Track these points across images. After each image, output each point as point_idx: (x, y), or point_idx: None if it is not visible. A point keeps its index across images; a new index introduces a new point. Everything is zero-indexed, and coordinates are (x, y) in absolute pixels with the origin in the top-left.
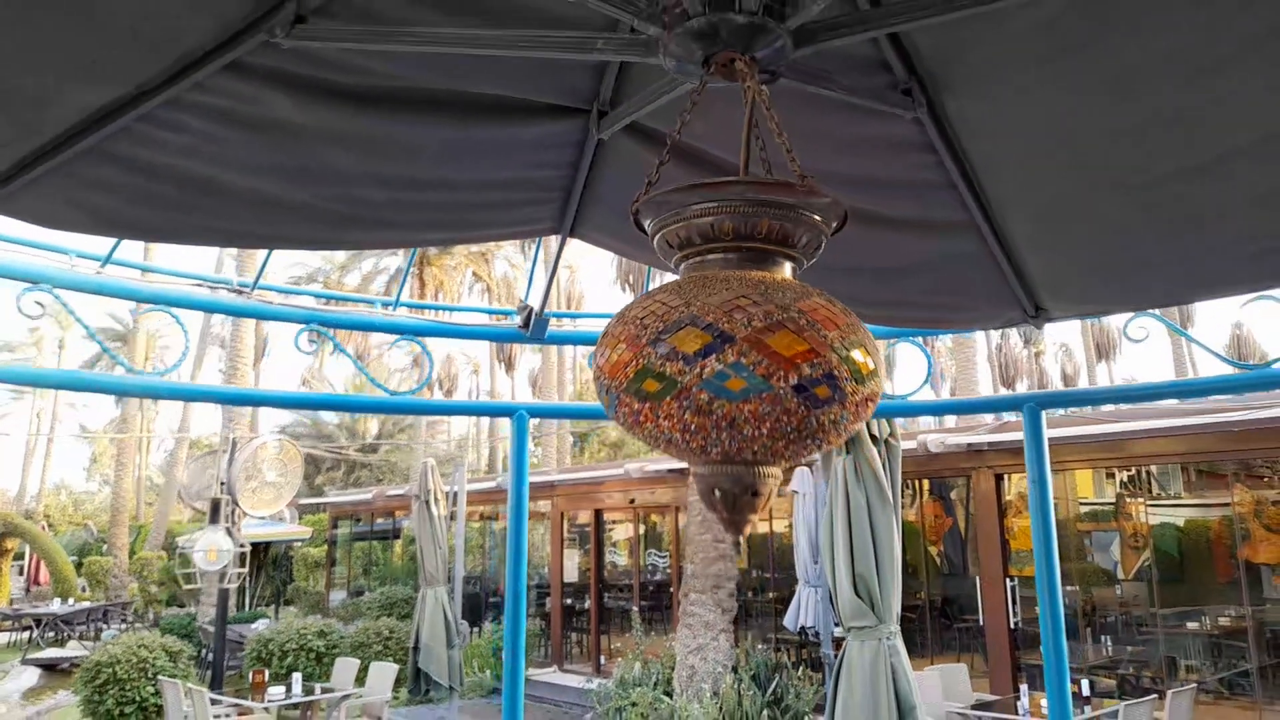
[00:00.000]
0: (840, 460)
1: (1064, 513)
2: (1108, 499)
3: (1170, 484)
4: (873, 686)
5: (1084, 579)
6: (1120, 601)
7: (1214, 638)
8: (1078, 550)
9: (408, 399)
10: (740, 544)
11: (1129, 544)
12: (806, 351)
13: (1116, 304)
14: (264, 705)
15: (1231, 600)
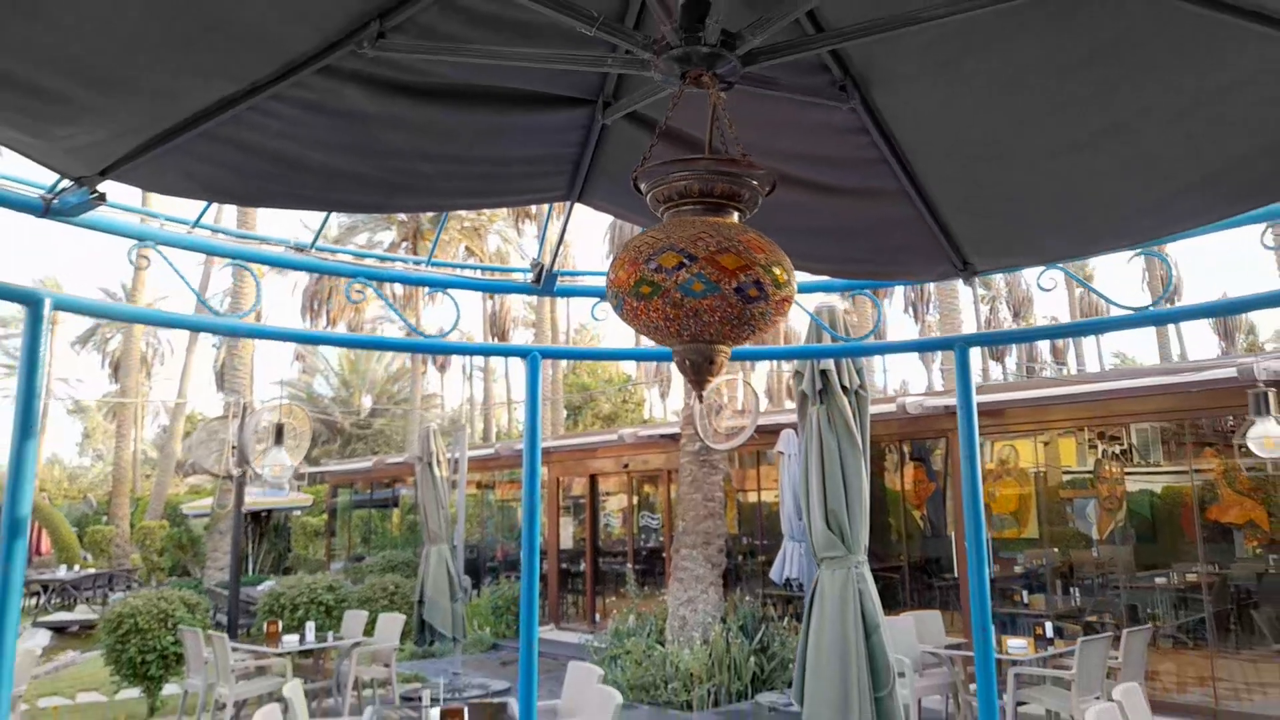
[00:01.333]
0: (815, 410)
1: (1050, 480)
2: (1089, 468)
3: (1150, 453)
4: (841, 608)
5: (1063, 541)
6: (1095, 561)
7: (1179, 591)
8: (1058, 515)
9: (437, 341)
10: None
11: (1105, 507)
12: (743, 266)
13: (1028, 259)
14: (279, 651)
15: (1197, 558)
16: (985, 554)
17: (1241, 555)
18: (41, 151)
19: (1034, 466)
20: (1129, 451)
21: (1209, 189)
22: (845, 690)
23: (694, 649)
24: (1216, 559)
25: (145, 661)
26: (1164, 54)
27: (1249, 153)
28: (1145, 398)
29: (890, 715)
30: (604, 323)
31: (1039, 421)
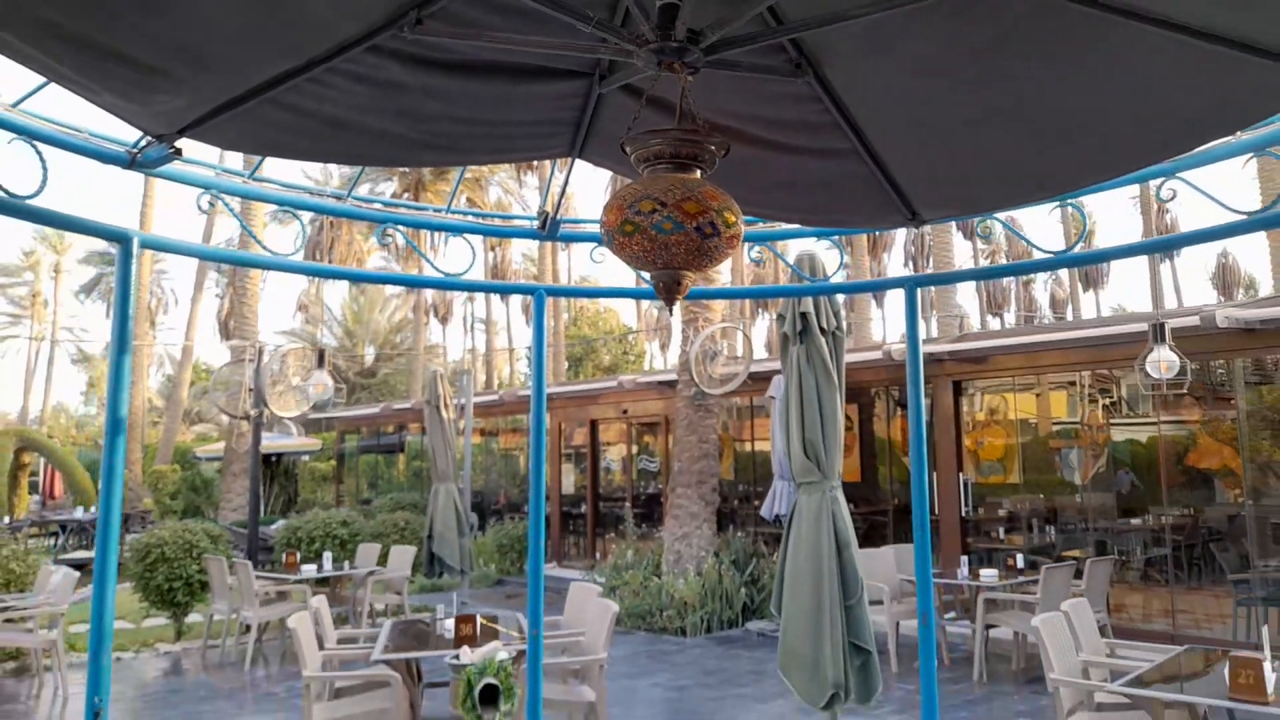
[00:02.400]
0: (795, 349)
1: (1040, 430)
2: (1080, 419)
3: (1139, 404)
4: (816, 528)
5: (1049, 488)
6: (1077, 506)
7: (1152, 532)
8: (1046, 463)
9: (457, 279)
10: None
11: (1088, 454)
12: (701, 211)
13: (965, 210)
14: (299, 579)
15: (1173, 502)
16: (925, 484)
17: (1215, 499)
18: (135, 115)
19: (1025, 417)
20: (1118, 403)
21: (1094, 154)
22: (819, 599)
23: (688, 580)
24: (1191, 503)
25: (172, 589)
26: (1048, 42)
27: (1122, 125)
28: (1113, 345)
29: (858, 620)
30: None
31: (1020, 368)
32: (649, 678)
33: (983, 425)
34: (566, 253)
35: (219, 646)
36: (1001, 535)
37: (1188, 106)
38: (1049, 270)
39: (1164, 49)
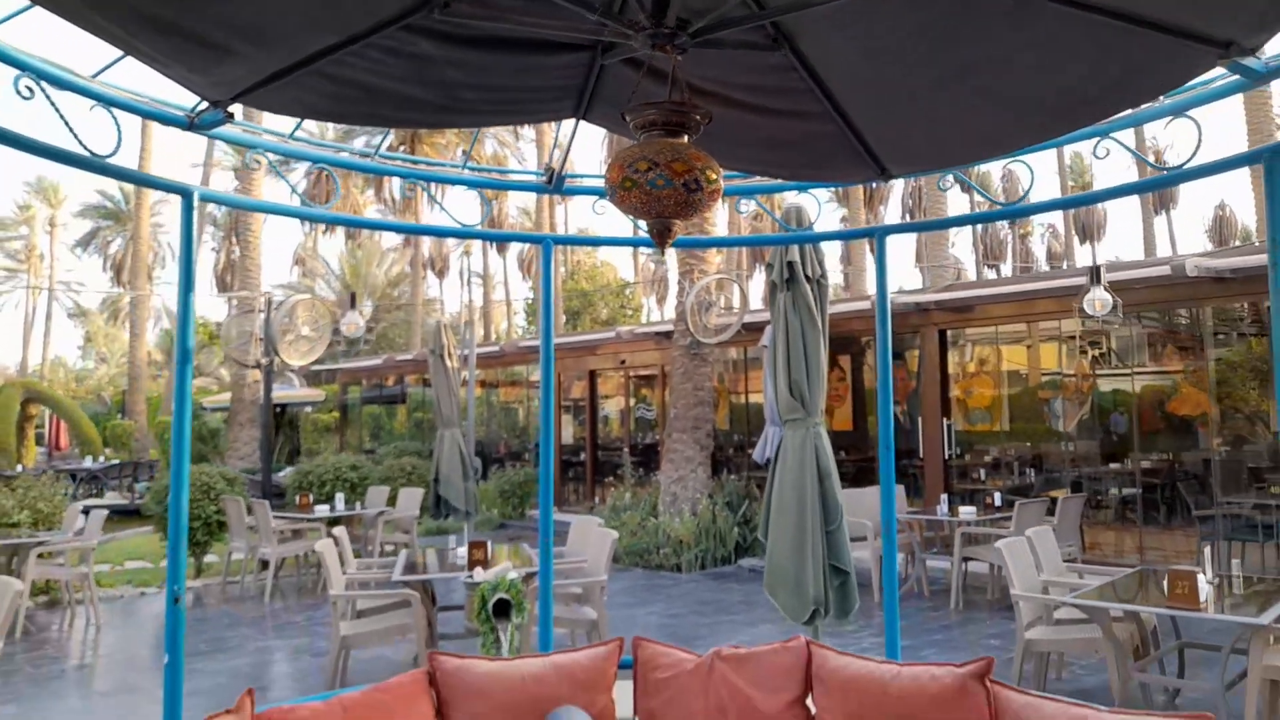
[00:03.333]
0: (782, 296)
1: (1030, 381)
2: (1068, 371)
3: (1129, 356)
4: (800, 460)
5: (1035, 435)
6: (1060, 452)
7: (1129, 475)
8: (1035, 412)
9: (473, 228)
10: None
11: (1072, 402)
12: (688, 170)
13: (928, 165)
14: (313, 517)
15: (1150, 448)
16: (891, 424)
17: (1188, 444)
18: (197, 84)
19: (1015, 368)
20: (1109, 354)
21: (1033, 117)
22: (802, 525)
23: (684, 520)
24: (1167, 448)
25: (191, 528)
26: (989, 21)
27: (1057, 92)
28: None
29: (837, 545)
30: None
31: (1005, 317)
32: (646, 607)
33: (972, 376)
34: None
35: (238, 582)
36: (984, 477)
37: (1110, 76)
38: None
39: (1087, 27)
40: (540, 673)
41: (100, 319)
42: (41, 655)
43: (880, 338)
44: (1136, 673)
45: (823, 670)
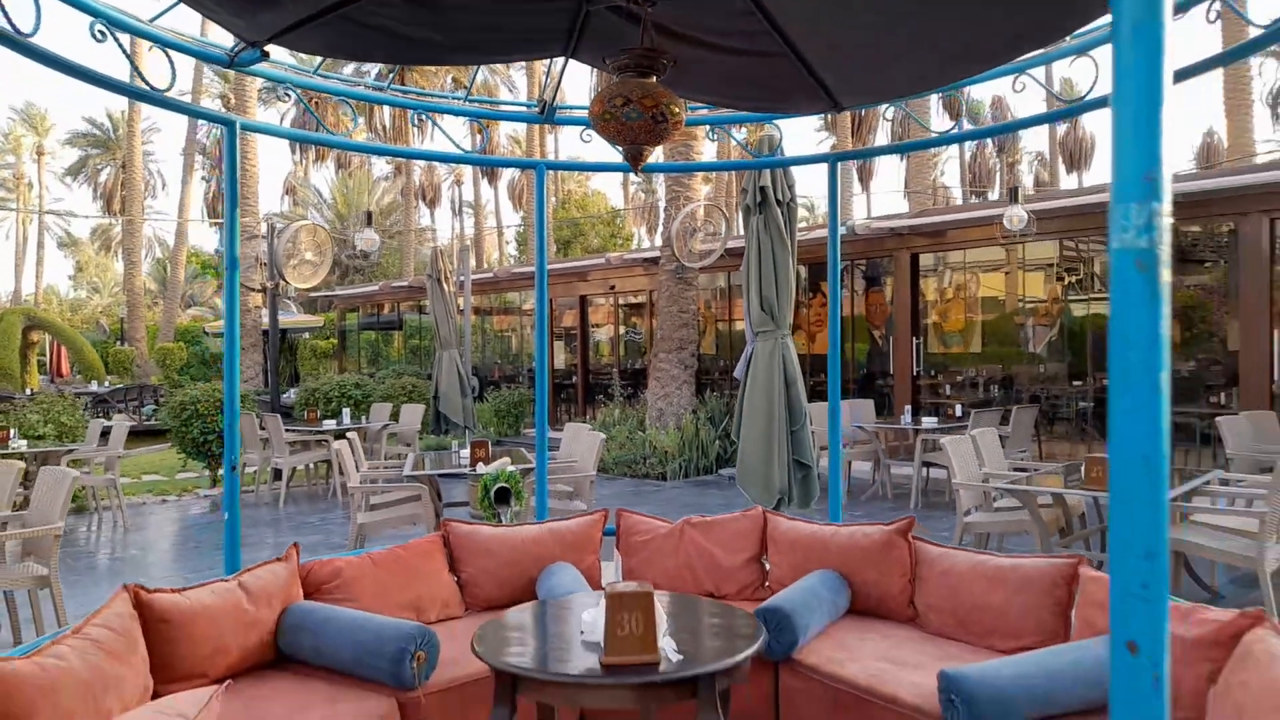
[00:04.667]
0: (755, 219)
1: (1008, 306)
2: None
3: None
4: (769, 367)
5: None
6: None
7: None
8: (1009, 336)
9: (471, 154)
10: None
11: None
12: (656, 105)
13: (876, 98)
14: (321, 430)
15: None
16: (839, 344)
17: None
18: (240, 27)
19: (992, 294)
20: (1090, 279)
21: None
22: (770, 425)
23: (669, 433)
24: None
25: (206, 441)
26: None
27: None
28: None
29: (800, 443)
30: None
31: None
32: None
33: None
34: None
35: (253, 491)
36: (949, 392)
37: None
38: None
39: None
40: (537, 536)
41: (91, 249)
42: (76, 551)
43: (831, 259)
44: (1060, 548)
45: (775, 532)
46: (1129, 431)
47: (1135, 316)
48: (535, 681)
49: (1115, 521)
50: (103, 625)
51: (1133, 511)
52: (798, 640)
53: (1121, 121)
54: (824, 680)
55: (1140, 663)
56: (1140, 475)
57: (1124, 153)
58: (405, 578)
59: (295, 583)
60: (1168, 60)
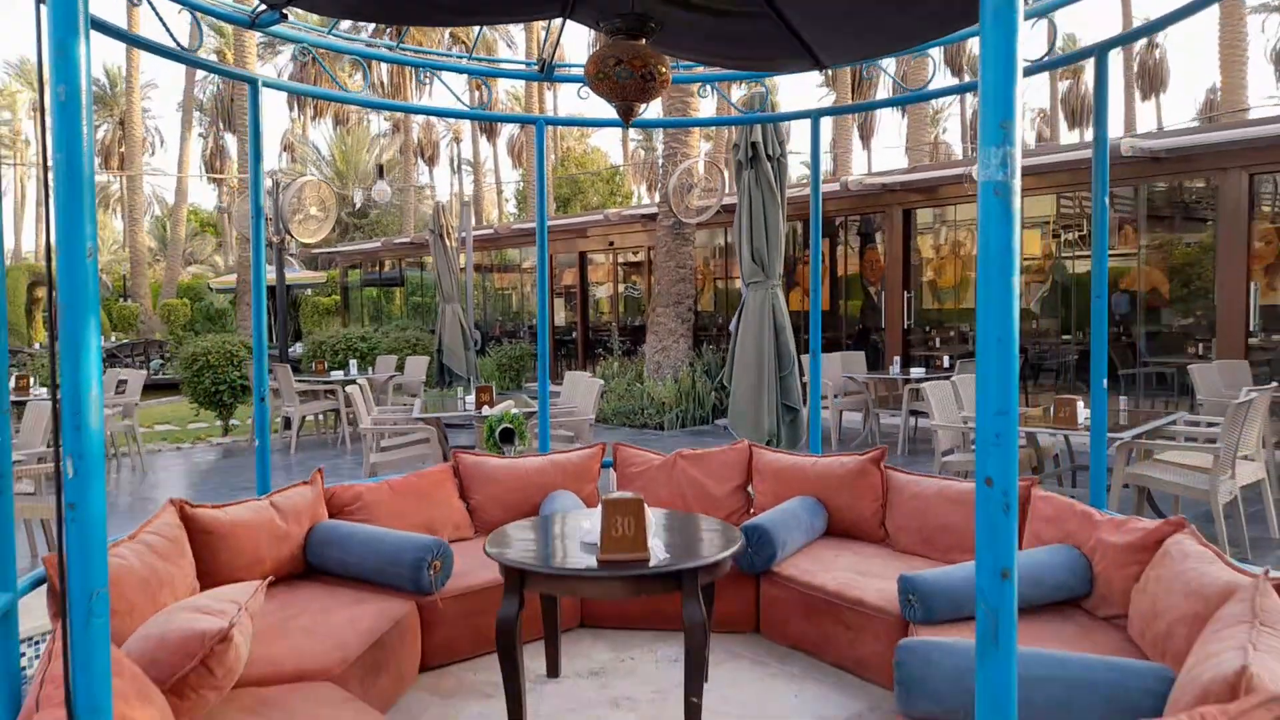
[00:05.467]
0: (747, 173)
1: None
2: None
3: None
4: (760, 315)
5: None
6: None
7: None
8: None
9: (477, 110)
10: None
11: (1032, 281)
12: (644, 65)
13: (855, 58)
14: (329, 380)
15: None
16: (820, 299)
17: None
18: None
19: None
20: (1085, 238)
21: (930, 16)
22: (760, 370)
23: (666, 385)
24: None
25: (218, 391)
26: None
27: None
28: (1043, 174)
29: (789, 388)
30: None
31: (965, 198)
32: None
33: (944, 258)
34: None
35: None
36: (939, 346)
37: None
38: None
39: None
40: (540, 466)
41: None
42: None
43: (814, 213)
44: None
45: (760, 463)
46: (989, 318)
47: (995, 231)
48: (541, 575)
49: (980, 385)
50: (154, 533)
51: (990, 378)
52: (776, 554)
53: (985, 85)
54: (800, 589)
55: (995, 493)
56: (995, 351)
57: (987, 108)
58: (420, 502)
59: (321, 504)
60: (1020, 40)
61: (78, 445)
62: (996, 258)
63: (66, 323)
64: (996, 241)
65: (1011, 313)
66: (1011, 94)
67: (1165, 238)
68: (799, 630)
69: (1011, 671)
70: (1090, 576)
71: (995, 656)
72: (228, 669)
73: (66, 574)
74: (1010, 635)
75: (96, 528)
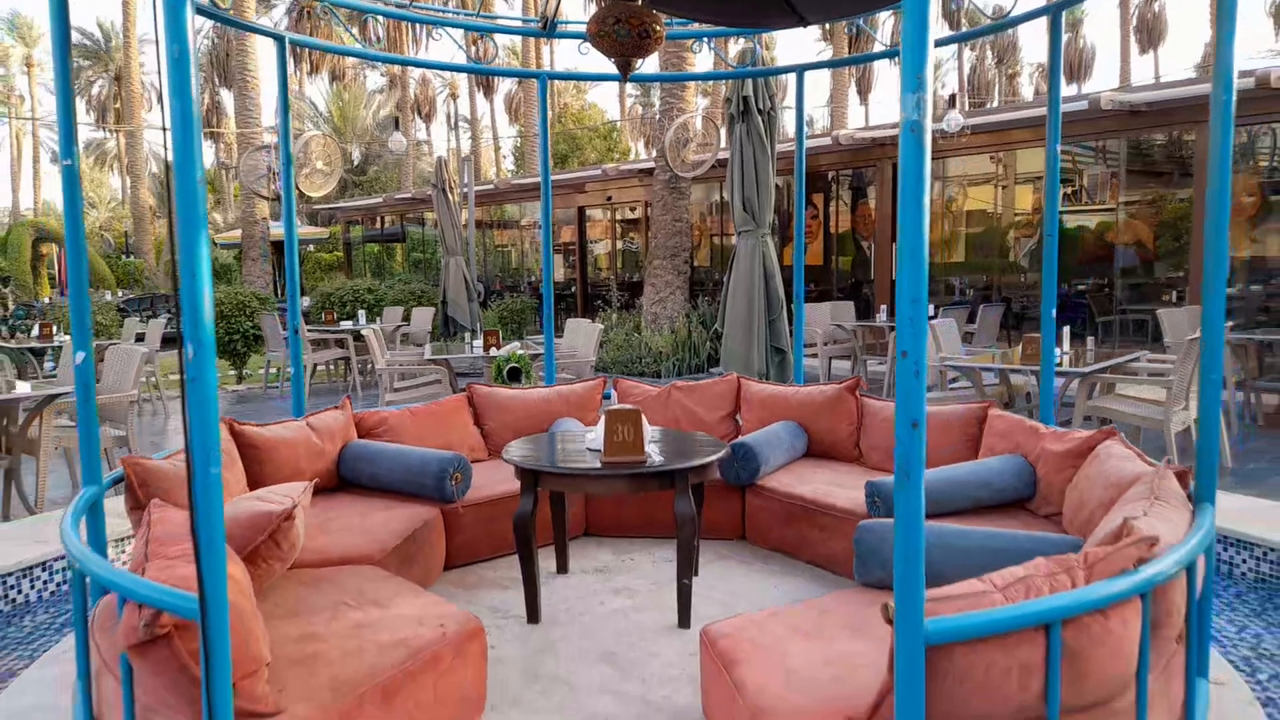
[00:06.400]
0: (739, 126)
1: (1001, 220)
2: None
3: (1097, 194)
4: (750, 262)
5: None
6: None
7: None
8: (997, 246)
9: (477, 64)
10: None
11: (1020, 235)
12: (640, 23)
13: (839, 14)
14: (339, 329)
15: (1090, 273)
16: (803, 257)
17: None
18: None
19: (984, 206)
20: (1079, 192)
21: None
22: (750, 314)
23: (663, 336)
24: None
25: (232, 340)
26: None
27: None
28: (1029, 126)
29: (777, 330)
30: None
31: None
32: None
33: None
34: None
35: (276, 387)
36: None
37: None
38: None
39: None
40: (547, 396)
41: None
42: (124, 437)
43: (798, 166)
44: None
45: (747, 393)
46: (906, 228)
47: (910, 163)
48: (551, 474)
49: (899, 276)
50: None
51: (907, 272)
52: (760, 469)
53: (905, 43)
54: (780, 499)
55: (908, 363)
56: (909, 253)
57: (907, 62)
58: (439, 427)
59: (351, 426)
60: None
61: (195, 333)
62: (910, 181)
63: (183, 237)
64: (911, 169)
65: (922, 229)
66: (924, 50)
67: (1153, 191)
68: (779, 535)
69: (919, 501)
70: (1034, 480)
71: (907, 488)
72: (291, 543)
73: (189, 430)
74: (919, 471)
75: (210, 396)
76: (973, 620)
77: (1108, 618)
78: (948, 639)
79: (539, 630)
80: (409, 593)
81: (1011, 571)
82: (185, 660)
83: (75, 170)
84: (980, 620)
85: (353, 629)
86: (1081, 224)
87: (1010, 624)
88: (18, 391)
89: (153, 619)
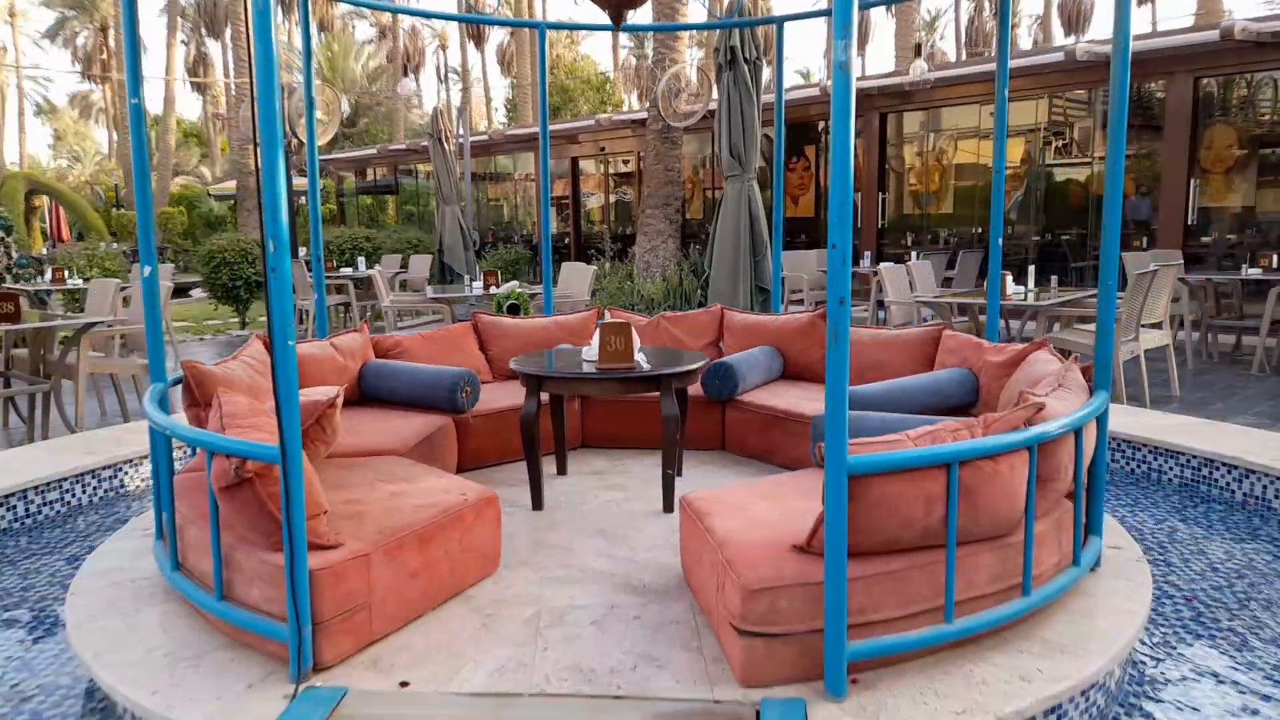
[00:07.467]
0: (726, 75)
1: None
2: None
3: (1089, 147)
4: (737, 205)
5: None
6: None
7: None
8: (983, 199)
9: (471, 15)
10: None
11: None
12: None
13: None
14: (338, 276)
15: (1070, 225)
16: (781, 204)
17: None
18: None
19: (973, 158)
20: (1070, 145)
21: None
22: (736, 255)
23: (655, 282)
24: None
25: (235, 286)
26: None
27: None
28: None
29: (762, 271)
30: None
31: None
32: None
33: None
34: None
35: None
36: (911, 244)
37: None
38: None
39: None
40: (546, 325)
41: (71, 115)
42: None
43: (778, 115)
44: None
45: (730, 322)
46: (837, 161)
47: (839, 96)
48: (554, 379)
49: (831, 205)
50: (248, 356)
51: (837, 179)
52: (738, 386)
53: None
54: (756, 411)
55: (837, 253)
56: (839, 184)
57: (837, 9)
58: (448, 350)
59: (369, 347)
60: None
61: (275, 230)
62: (839, 117)
63: (265, 156)
64: (840, 104)
65: (849, 143)
66: (849, 10)
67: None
68: (755, 443)
69: (844, 362)
70: (976, 388)
71: (836, 349)
72: (334, 428)
73: (271, 310)
74: (845, 337)
75: (286, 282)
76: (886, 457)
77: (997, 463)
78: (866, 470)
79: (543, 515)
80: (433, 474)
81: (922, 429)
82: (264, 499)
83: (140, 108)
84: (892, 457)
85: (389, 495)
86: (1071, 176)
87: (916, 461)
88: (57, 322)
89: (240, 464)
